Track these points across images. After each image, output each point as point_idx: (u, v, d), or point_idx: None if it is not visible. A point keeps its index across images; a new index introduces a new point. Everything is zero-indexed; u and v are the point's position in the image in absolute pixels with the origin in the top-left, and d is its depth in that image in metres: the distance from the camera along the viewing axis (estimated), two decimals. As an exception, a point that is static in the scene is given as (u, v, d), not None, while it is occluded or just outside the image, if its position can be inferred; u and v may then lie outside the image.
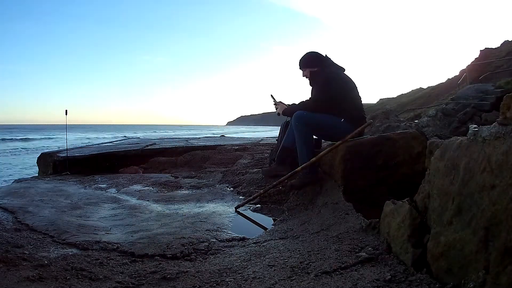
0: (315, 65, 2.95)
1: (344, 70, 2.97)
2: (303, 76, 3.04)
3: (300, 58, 3.03)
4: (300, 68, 3.04)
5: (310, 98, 2.95)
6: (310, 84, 3.04)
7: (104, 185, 3.67)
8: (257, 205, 2.73)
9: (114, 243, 1.89)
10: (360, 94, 2.93)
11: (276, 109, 3.18)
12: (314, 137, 2.94)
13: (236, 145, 5.95)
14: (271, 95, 3.25)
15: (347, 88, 2.86)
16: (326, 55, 2.99)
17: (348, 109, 2.78)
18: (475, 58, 19.21)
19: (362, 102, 3.02)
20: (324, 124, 2.79)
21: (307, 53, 3.01)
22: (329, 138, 3.00)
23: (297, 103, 3.01)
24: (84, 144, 9.42)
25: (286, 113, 3.05)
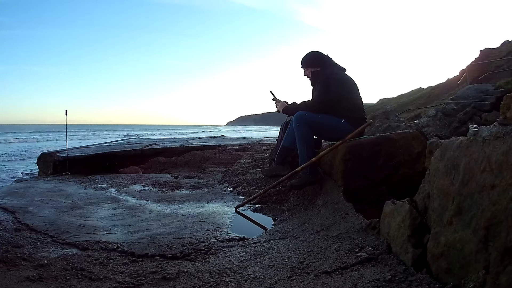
0: (317, 65, 2.95)
1: (345, 70, 2.97)
2: (305, 75, 3.04)
3: (302, 57, 3.02)
4: (301, 67, 3.04)
5: (311, 99, 2.94)
6: (311, 83, 3.04)
7: (104, 185, 3.67)
8: (257, 205, 2.73)
9: (114, 243, 1.89)
10: (361, 95, 2.93)
11: (276, 106, 3.17)
12: (314, 137, 2.93)
13: (236, 145, 5.95)
14: (271, 91, 3.24)
15: (348, 89, 2.86)
16: (327, 55, 2.98)
17: (348, 109, 2.78)
18: (475, 58, 19.19)
19: (363, 102, 3.01)
20: (325, 125, 2.79)
21: (309, 52, 3.01)
22: (330, 138, 2.99)
23: (298, 102, 3.01)
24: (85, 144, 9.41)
25: (287, 112, 3.05)
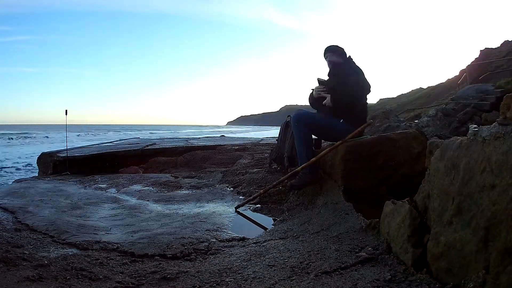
0: (341, 56, 2.92)
1: (363, 74, 2.87)
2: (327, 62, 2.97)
3: (327, 46, 2.97)
4: (325, 54, 2.98)
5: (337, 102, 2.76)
6: (328, 74, 2.97)
7: (104, 185, 3.67)
8: (257, 205, 2.73)
9: (114, 243, 1.89)
10: (367, 101, 2.91)
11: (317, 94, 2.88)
12: (314, 137, 2.92)
13: (236, 145, 5.95)
14: (318, 79, 2.96)
15: (362, 93, 2.84)
16: (349, 56, 2.94)
17: (354, 112, 2.75)
18: (475, 58, 19.21)
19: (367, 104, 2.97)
20: (323, 124, 2.78)
21: (335, 44, 2.98)
22: (328, 138, 2.98)
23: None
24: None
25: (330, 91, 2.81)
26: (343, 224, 2.01)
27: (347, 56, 2.94)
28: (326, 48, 2.98)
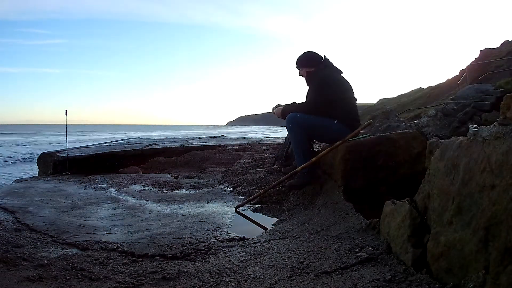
0: (312, 65, 2.91)
1: (341, 72, 2.92)
2: (300, 75, 3.00)
3: (297, 57, 2.98)
4: (297, 67, 3.00)
5: (306, 100, 2.91)
6: (307, 83, 3.00)
7: (104, 185, 3.67)
8: (257, 205, 2.73)
9: (114, 243, 1.89)
10: (355, 97, 2.89)
11: (274, 114, 3.13)
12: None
13: (236, 145, 5.95)
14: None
15: (342, 91, 2.82)
16: (324, 56, 2.94)
17: (342, 111, 2.76)
18: (475, 58, 19.22)
19: (362, 103, 2.99)
20: (317, 126, 2.77)
21: (304, 52, 2.96)
22: (323, 139, 2.98)
23: (296, 103, 2.99)
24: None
25: (284, 114, 2.98)
26: (343, 224, 2.01)
27: (322, 57, 2.92)
28: (296, 61, 2.98)
